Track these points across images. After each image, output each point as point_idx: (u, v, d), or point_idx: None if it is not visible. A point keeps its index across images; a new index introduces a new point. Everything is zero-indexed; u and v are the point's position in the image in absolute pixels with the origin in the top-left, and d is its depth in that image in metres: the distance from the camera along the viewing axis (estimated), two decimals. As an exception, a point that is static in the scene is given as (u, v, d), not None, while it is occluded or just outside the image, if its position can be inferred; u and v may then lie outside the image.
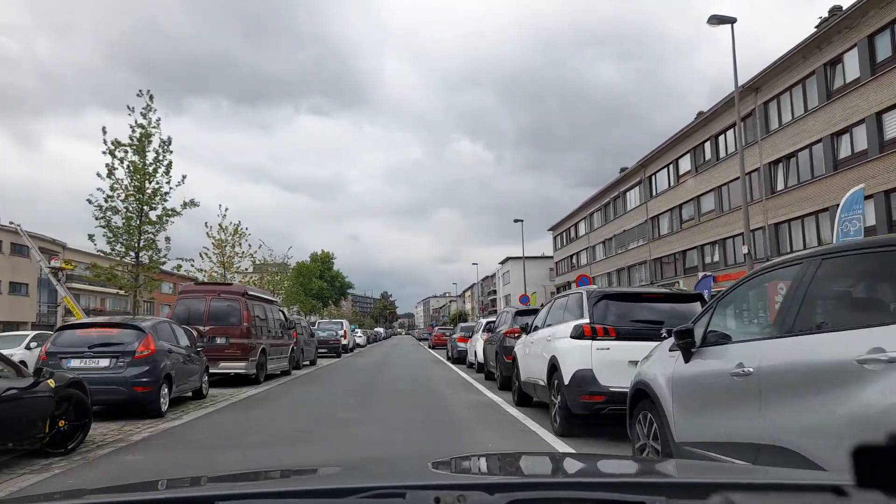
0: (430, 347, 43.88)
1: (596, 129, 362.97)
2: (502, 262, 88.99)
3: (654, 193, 42.96)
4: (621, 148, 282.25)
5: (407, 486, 1.26)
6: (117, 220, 17.06)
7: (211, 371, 13.90)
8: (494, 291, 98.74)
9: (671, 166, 39.99)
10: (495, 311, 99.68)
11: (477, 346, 17.76)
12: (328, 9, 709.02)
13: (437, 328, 43.87)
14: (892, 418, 2.57)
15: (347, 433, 8.30)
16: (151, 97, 17.63)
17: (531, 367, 9.20)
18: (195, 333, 13.73)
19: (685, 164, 38.27)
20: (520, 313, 13.69)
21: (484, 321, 18.23)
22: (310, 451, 7.31)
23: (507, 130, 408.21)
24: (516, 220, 45.30)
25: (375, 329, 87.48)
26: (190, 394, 11.35)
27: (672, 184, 39.85)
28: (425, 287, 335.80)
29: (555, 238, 71.80)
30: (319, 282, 54.70)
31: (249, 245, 29.02)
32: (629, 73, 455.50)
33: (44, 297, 52.45)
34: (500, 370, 12.66)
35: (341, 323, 36.01)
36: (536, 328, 9.46)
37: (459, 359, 22.14)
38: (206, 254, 27.75)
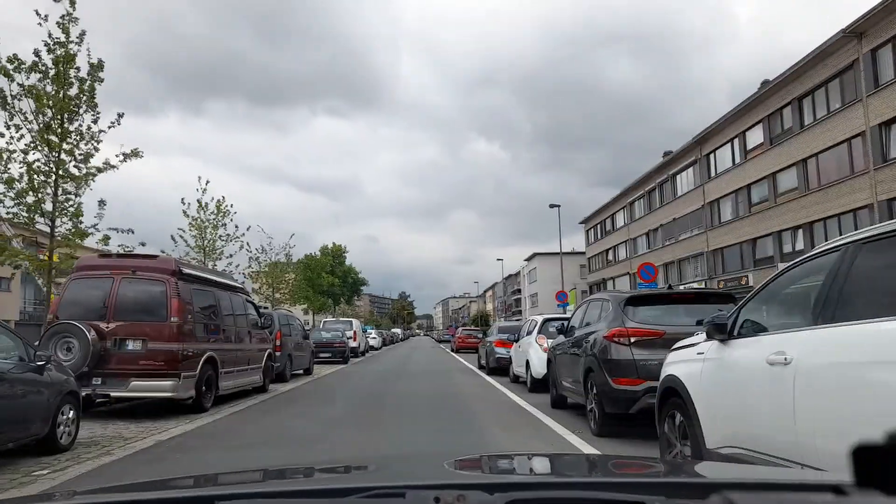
0: (452, 351, 38.42)
1: (614, 128, 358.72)
2: (528, 259, 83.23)
3: (712, 174, 37.11)
4: (640, 147, 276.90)
5: (406, 485, 1.25)
6: (13, 171, 11.95)
7: (118, 394, 8.69)
8: (519, 290, 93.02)
9: (737, 140, 34.14)
10: (520, 312, 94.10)
11: (531, 355, 12.35)
12: (343, 9, 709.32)
13: (460, 329, 38.23)
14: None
15: None
16: (72, 1, 12.51)
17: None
18: (92, 334, 8.49)
19: (756, 137, 32.41)
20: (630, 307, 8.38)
21: (540, 319, 12.78)
22: None
23: (524, 130, 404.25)
24: (552, 206, 39.62)
25: (392, 330, 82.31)
26: (34, 442, 6.09)
27: (738, 160, 34.00)
28: (443, 289, 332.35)
29: (587, 232, 65.98)
30: (330, 277, 49.56)
31: (237, 227, 23.87)
32: (647, 70, 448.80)
33: (29, 294, 47.93)
34: (596, 399, 7.21)
35: (350, 322, 30.76)
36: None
37: (498, 369, 16.73)
38: (181, 236, 22.68)
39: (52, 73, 12.29)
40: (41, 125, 12.05)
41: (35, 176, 12.04)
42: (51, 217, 12.45)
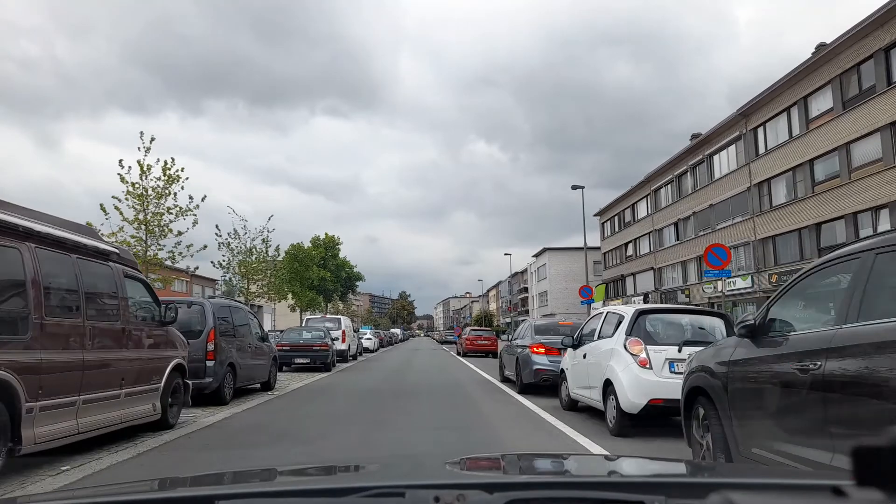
0: (459, 355, 33.22)
1: (614, 130, 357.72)
2: (536, 255, 78.04)
3: (761, 150, 31.98)
4: (640, 149, 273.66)
5: (406, 485, 1.24)
6: None
7: None
8: (526, 289, 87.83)
9: (795, 109, 29.00)
10: (527, 311, 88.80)
11: (617, 372, 7.19)
12: (342, 9, 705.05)
13: (468, 329, 32.78)
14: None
15: None
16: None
17: None
18: None
19: (822, 102, 27.27)
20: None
21: (630, 312, 7.48)
22: None
23: (523, 131, 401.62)
24: (574, 187, 34.38)
25: (391, 330, 77.07)
26: None
27: (797, 132, 28.86)
28: (443, 289, 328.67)
29: (602, 225, 60.85)
30: (322, 271, 44.39)
31: (191, 198, 18.68)
32: (646, 72, 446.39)
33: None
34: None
35: (338, 321, 25.69)
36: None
37: (535, 386, 11.65)
38: (116, 207, 17.56)
39: None
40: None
41: None
42: None
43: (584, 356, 8.49)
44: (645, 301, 47.94)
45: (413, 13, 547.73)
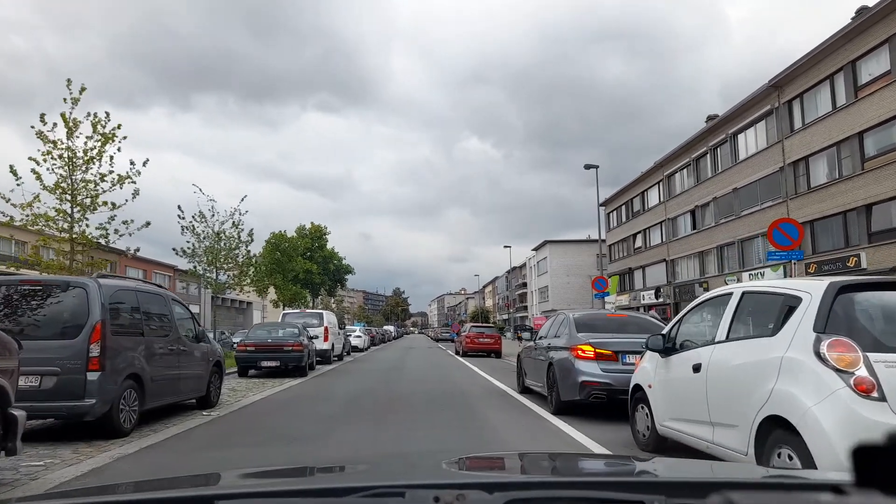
0: (458, 354, 29.65)
1: (607, 127, 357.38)
2: (536, 249, 74.51)
3: (797, 125, 28.56)
4: (633, 147, 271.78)
5: (406, 485, 1.23)
6: None
7: None
8: (524, 284, 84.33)
9: (840, 76, 25.57)
10: (525, 308, 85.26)
11: (797, 403, 3.66)
12: (333, 4, 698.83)
13: (469, 326, 28.87)
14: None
15: None
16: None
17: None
18: None
19: (875, 65, 23.85)
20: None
21: (815, 290, 3.97)
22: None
23: (516, 128, 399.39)
24: (588, 167, 30.73)
25: (384, 327, 73.46)
26: None
27: (842, 101, 25.43)
28: (438, 286, 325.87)
29: (608, 215, 57.36)
30: (307, 262, 40.77)
31: (132, 164, 15.02)
32: (639, 69, 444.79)
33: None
34: None
35: (320, 316, 22.18)
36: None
37: (580, 406, 8.14)
38: (34, 170, 13.95)
39: None
40: None
41: None
42: None
43: (699, 368, 4.97)
44: (657, 297, 44.55)
45: (405, 10, 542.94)
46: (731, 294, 5.04)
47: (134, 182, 14.88)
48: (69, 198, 14.17)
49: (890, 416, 3.38)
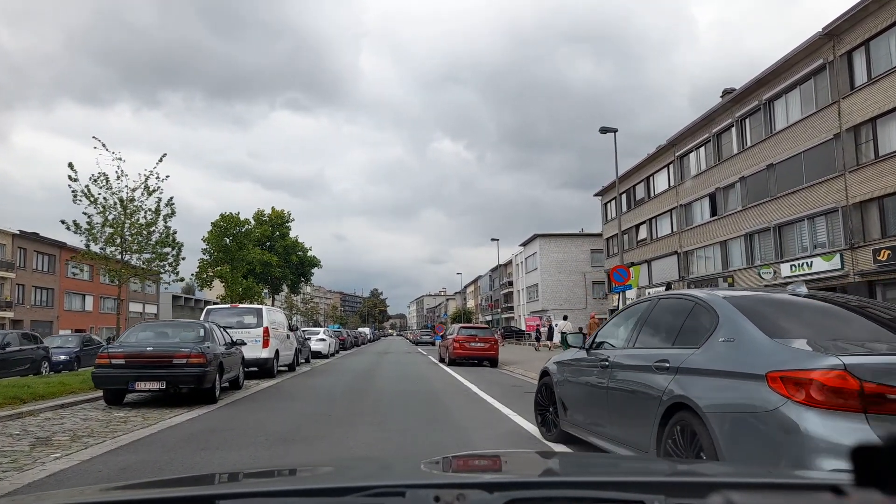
0: (443, 363, 23.82)
1: (578, 130, 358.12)
2: (524, 244, 69.05)
3: (859, 81, 23.36)
4: (605, 150, 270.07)
5: (406, 484, 1.22)
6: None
7: None
8: (510, 283, 78.82)
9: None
10: (511, 308, 79.72)
11: None
12: (303, 2, 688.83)
13: (458, 328, 23.01)
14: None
15: None
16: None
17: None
18: None
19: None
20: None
21: None
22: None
23: (489, 130, 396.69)
24: (604, 130, 25.13)
25: (359, 329, 67.46)
26: None
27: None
28: (416, 288, 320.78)
29: (605, 206, 52.21)
30: (265, 254, 34.69)
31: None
32: (609, 72, 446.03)
33: None
34: None
35: (258, 313, 16.36)
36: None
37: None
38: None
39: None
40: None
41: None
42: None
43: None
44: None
45: (374, 8, 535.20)
46: None
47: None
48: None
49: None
